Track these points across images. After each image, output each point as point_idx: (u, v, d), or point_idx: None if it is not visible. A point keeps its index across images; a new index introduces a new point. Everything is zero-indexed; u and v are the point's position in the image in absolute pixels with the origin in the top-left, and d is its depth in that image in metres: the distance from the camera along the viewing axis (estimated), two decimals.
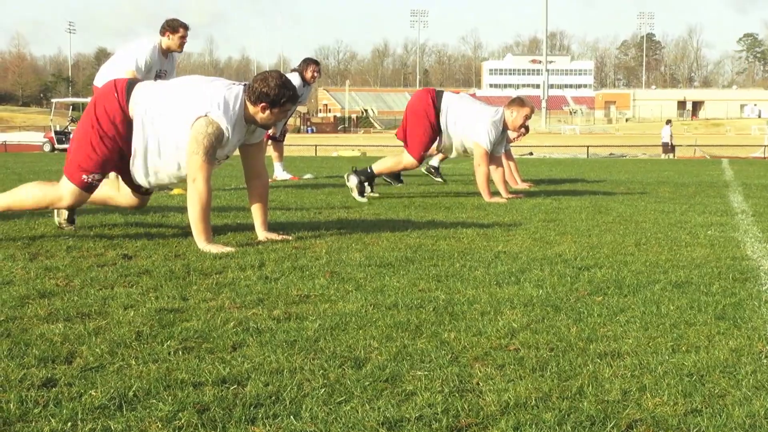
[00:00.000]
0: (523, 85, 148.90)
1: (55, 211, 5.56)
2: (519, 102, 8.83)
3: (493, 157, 8.75)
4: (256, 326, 3.04)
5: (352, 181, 8.31)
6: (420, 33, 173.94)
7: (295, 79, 11.01)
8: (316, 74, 11.30)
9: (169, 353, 2.68)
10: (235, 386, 2.36)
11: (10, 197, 5.22)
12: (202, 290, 3.70)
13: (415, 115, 8.60)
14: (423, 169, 11.13)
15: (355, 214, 6.95)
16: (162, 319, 3.13)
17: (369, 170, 8.53)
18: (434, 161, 11.10)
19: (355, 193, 8.25)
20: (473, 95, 12.36)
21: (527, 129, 9.84)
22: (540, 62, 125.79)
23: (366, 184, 8.40)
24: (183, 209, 6.39)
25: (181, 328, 2.99)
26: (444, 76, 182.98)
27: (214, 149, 4.93)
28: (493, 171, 8.86)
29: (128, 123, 5.05)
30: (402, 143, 8.76)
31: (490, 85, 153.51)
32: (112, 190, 5.55)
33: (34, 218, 5.87)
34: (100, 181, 5.18)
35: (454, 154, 9.11)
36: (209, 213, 5.00)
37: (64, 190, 5.09)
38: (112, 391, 2.29)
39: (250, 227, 5.46)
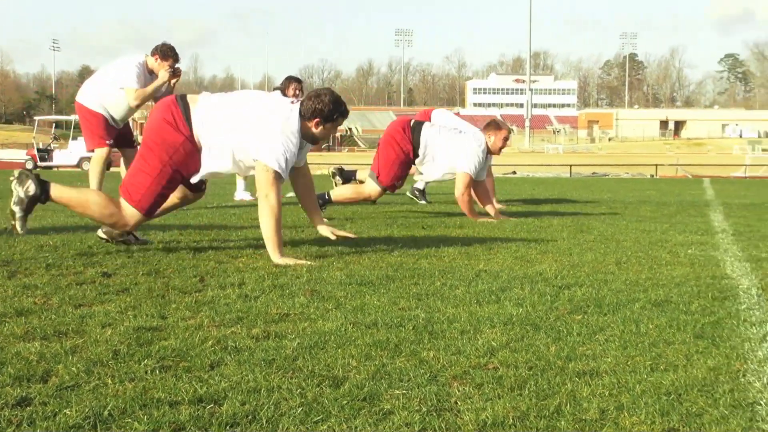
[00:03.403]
0: (507, 104, 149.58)
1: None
2: (495, 126, 8.78)
3: (477, 182, 8.70)
4: (234, 345, 3.03)
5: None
6: (404, 52, 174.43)
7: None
8: (298, 92, 11.29)
9: (146, 372, 2.66)
10: (212, 405, 2.35)
11: (77, 196, 5.26)
12: (181, 308, 3.68)
13: (388, 145, 8.59)
14: (408, 193, 11.09)
15: None
16: (140, 338, 3.11)
17: (327, 196, 8.46)
18: (419, 184, 11.05)
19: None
20: (457, 114, 12.35)
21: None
22: (524, 81, 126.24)
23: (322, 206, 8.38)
24: (164, 226, 6.37)
25: (159, 347, 2.97)
26: (428, 95, 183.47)
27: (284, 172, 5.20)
28: (479, 193, 8.81)
29: (193, 145, 5.25)
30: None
31: (474, 104, 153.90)
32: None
33: (12, 236, 5.83)
34: (162, 204, 5.40)
35: (432, 179, 9.08)
36: (281, 227, 5.24)
37: (129, 215, 5.27)
38: (87, 410, 2.27)
39: (230, 246, 5.44)
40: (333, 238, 5.65)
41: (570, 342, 3.16)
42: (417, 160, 8.63)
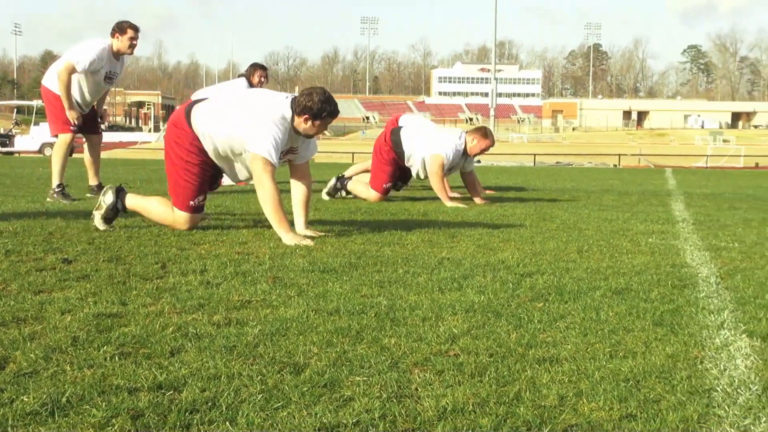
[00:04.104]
0: (472, 93, 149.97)
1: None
2: (483, 133, 9.15)
3: (465, 173, 9.32)
4: (195, 332, 3.01)
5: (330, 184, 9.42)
6: (370, 40, 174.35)
7: (242, 84, 10.95)
8: (263, 79, 11.22)
9: (105, 359, 2.64)
10: (172, 392, 2.34)
11: (144, 202, 5.92)
12: (141, 295, 3.65)
13: (375, 153, 9.33)
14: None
15: None
16: (99, 324, 3.08)
17: (345, 181, 9.45)
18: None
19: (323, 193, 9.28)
20: (422, 102, 12.50)
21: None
22: (489, 71, 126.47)
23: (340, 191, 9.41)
24: (126, 214, 6.30)
25: (119, 334, 2.95)
26: (394, 83, 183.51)
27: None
28: (467, 183, 9.38)
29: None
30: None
31: (439, 93, 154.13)
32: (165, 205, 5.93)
33: None
34: (204, 200, 5.90)
35: (415, 173, 9.34)
36: (283, 208, 5.51)
37: (180, 219, 5.80)
38: (44, 396, 2.25)
39: (193, 232, 5.40)
40: (308, 237, 5.64)
41: (531, 329, 3.18)
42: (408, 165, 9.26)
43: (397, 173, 9.32)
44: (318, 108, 5.51)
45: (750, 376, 2.62)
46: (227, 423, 2.12)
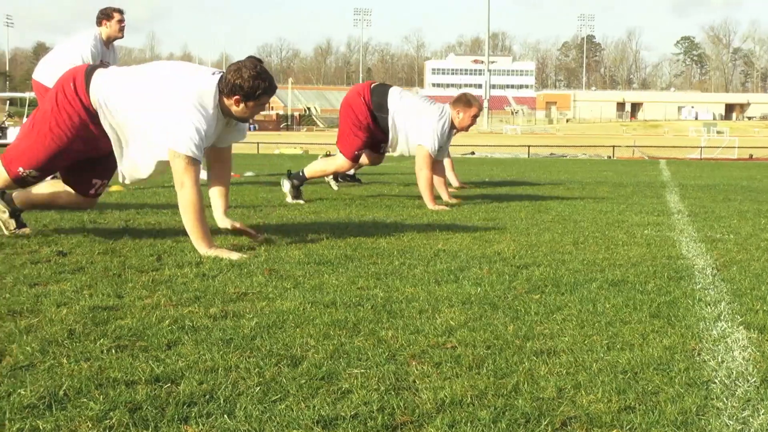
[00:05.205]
0: (466, 85, 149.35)
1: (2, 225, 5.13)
2: (465, 101, 8.06)
3: (434, 163, 8.05)
4: (191, 324, 3.00)
5: (286, 186, 8.01)
6: (363, 31, 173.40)
7: None
8: None
9: (102, 351, 2.63)
10: (169, 385, 2.33)
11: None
12: (137, 288, 3.64)
13: (345, 114, 8.04)
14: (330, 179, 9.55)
15: (295, 212, 6.92)
16: (96, 317, 3.07)
17: (301, 173, 8.10)
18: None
19: (288, 198, 7.94)
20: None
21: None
22: (482, 62, 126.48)
23: (299, 187, 8.07)
24: (121, 206, 6.30)
25: (115, 326, 2.94)
26: (387, 74, 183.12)
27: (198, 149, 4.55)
28: (435, 172, 8.13)
29: (90, 118, 4.71)
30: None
31: (433, 85, 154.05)
32: (55, 188, 5.13)
33: None
34: (36, 179, 4.91)
35: (399, 151, 8.13)
36: (204, 217, 4.63)
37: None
38: (42, 390, 2.24)
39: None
40: (230, 228, 5.04)
41: (528, 321, 3.18)
42: (388, 145, 8.08)
43: (368, 141, 8.05)
44: (249, 86, 4.57)
45: (748, 368, 2.62)
46: (225, 416, 2.11)
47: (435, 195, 7.94)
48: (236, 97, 4.61)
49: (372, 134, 8.00)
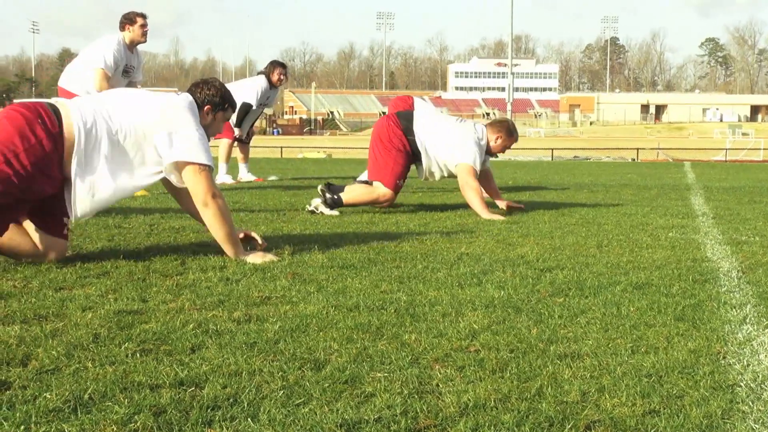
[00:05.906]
0: (489, 88, 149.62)
1: None
2: (508, 130, 7.70)
3: (480, 172, 7.51)
4: (215, 328, 3.02)
5: (320, 205, 7.21)
6: (386, 35, 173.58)
7: (262, 82, 11.09)
8: (282, 77, 11.32)
9: (127, 355, 2.65)
10: (193, 388, 2.34)
11: None
12: (162, 292, 3.66)
13: (381, 143, 7.51)
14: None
15: (318, 216, 6.93)
16: (120, 321, 3.09)
17: (337, 197, 7.24)
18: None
19: (324, 210, 7.17)
20: (438, 98, 11.86)
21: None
22: (505, 65, 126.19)
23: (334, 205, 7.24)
24: (145, 211, 6.33)
25: (140, 330, 2.96)
26: (410, 78, 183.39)
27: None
28: (485, 185, 7.74)
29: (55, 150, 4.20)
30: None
31: (456, 88, 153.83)
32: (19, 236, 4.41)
33: None
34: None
35: (438, 177, 7.69)
36: (233, 227, 4.61)
37: None
38: (67, 393, 2.26)
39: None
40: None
41: (551, 324, 3.17)
42: (424, 172, 7.64)
43: (409, 165, 7.59)
44: (221, 96, 4.69)
45: None
46: (249, 419, 2.12)
47: (488, 203, 7.54)
48: (207, 107, 4.65)
49: (409, 159, 7.58)
